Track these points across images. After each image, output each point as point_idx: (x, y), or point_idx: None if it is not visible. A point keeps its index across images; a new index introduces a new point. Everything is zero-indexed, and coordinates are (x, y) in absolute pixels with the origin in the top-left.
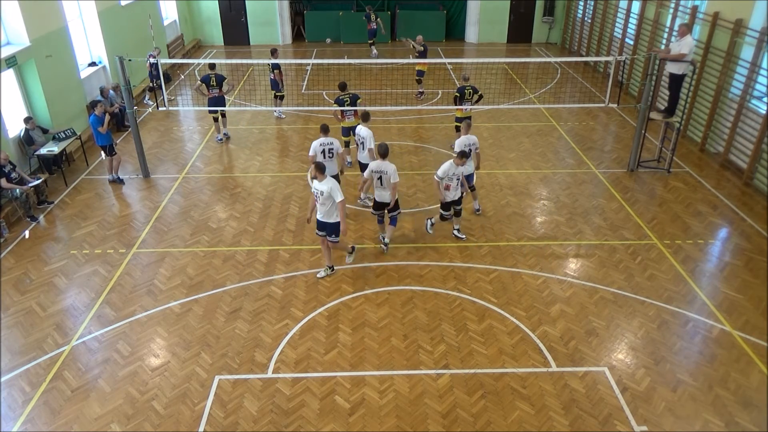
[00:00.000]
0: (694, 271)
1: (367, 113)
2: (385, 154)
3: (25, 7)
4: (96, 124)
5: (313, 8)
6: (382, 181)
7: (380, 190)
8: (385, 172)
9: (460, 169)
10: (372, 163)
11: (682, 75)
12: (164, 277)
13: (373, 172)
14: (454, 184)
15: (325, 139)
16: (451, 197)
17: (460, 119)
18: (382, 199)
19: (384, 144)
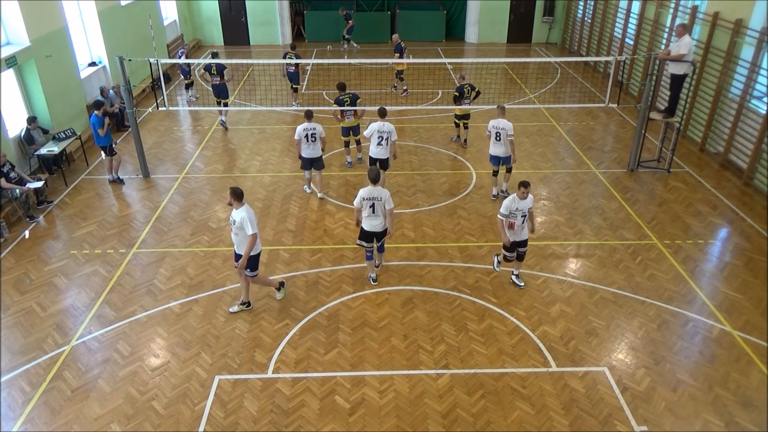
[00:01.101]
0: (694, 271)
1: (384, 109)
2: (377, 179)
3: (25, 7)
4: (96, 125)
5: (313, 8)
6: (375, 209)
7: (372, 219)
8: (378, 198)
9: (525, 203)
10: (362, 190)
11: (683, 75)
12: (164, 277)
13: (364, 199)
14: (519, 222)
15: (308, 124)
16: (516, 237)
17: (459, 117)
18: (373, 228)
19: (375, 168)
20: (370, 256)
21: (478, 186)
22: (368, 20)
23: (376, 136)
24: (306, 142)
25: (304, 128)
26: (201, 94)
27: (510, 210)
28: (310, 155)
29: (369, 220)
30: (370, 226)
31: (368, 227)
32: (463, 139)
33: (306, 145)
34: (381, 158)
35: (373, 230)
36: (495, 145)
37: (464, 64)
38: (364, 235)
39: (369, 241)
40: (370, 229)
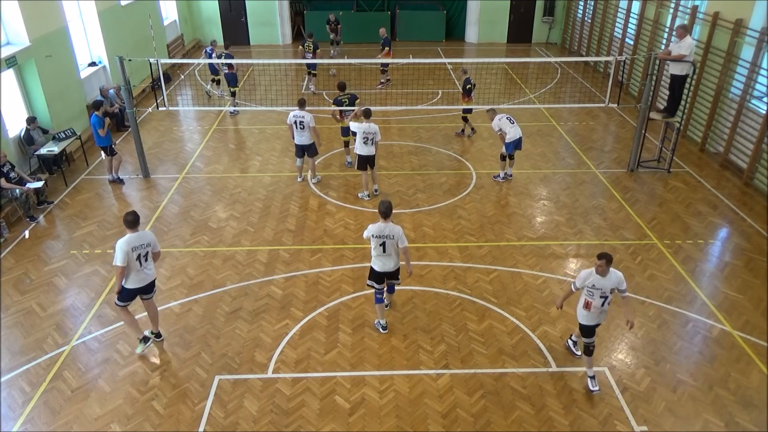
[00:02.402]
0: (694, 271)
1: (368, 109)
2: (388, 214)
3: (25, 7)
4: (97, 125)
5: (313, 8)
6: (386, 248)
7: (383, 259)
8: (390, 236)
9: (606, 282)
10: (372, 226)
11: (683, 75)
12: (164, 277)
13: (374, 237)
14: (597, 302)
15: (298, 112)
16: (592, 320)
17: (468, 111)
18: (384, 268)
19: (387, 201)
20: (380, 298)
21: (478, 186)
22: (368, 20)
23: (361, 137)
24: (296, 129)
25: (294, 115)
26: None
27: (585, 284)
28: (301, 142)
29: (380, 259)
30: (381, 266)
31: (379, 267)
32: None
33: (296, 132)
34: (369, 155)
35: (385, 270)
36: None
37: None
38: (375, 276)
39: (380, 282)
40: (381, 270)
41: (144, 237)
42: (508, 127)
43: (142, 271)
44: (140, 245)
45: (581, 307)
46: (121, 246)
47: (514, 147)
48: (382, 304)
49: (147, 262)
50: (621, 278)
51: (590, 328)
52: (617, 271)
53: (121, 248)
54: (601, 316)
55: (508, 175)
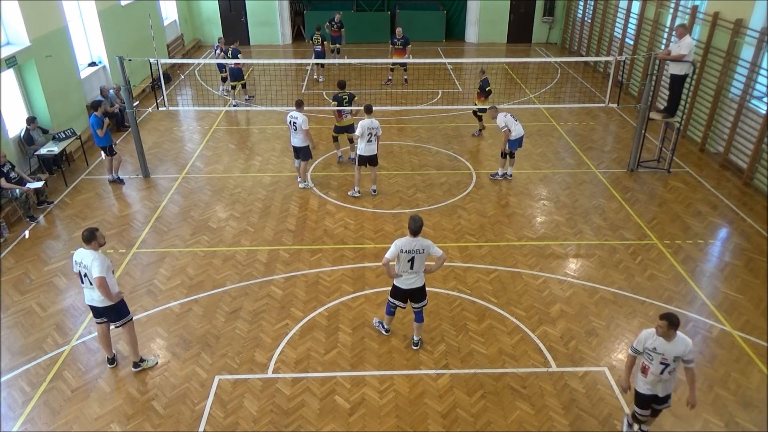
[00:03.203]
0: (694, 271)
1: (370, 105)
2: (418, 232)
3: (25, 7)
4: (96, 125)
5: (313, 8)
6: (414, 264)
7: (410, 276)
8: (420, 250)
9: (670, 347)
10: (399, 242)
11: (683, 75)
12: (164, 277)
13: (402, 252)
14: (655, 368)
15: (294, 113)
16: (648, 388)
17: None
18: (411, 285)
19: (418, 218)
20: (392, 311)
21: (478, 186)
22: (368, 20)
23: (366, 134)
24: (290, 130)
25: (290, 116)
26: (203, 93)
27: (644, 346)
28: (294, 144)
29: (407, 276)
30: (408, 283)
31: (405, 285)
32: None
33: (291, 133)
34: (372, 155)
35: (411, 287)
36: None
37: (464, 64)
38: (399, 295)
39: (404, 300)
40: (407, 287)
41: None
42: (512, 125)
43: (83, 289)
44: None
45: (638, 371)
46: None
47: (518, 144)
48: (392, 316)
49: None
50: (689, 346)
51: (645, 398)
52: (686, 338)
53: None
54: (660, 387)
55: (508, 175)
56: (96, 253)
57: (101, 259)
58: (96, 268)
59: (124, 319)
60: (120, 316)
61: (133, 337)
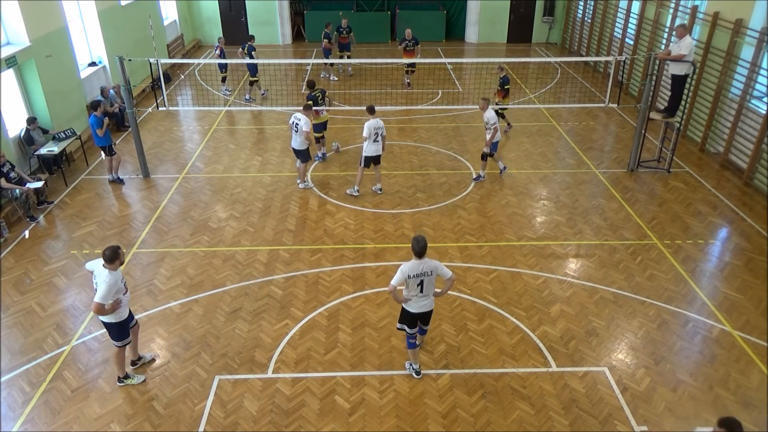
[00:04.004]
0: (694, 271)
1: (372, 106)
2: (423, 253)
3: (25, 7)
4: (95, 125)
5: (313, 8)
6: (424, 287)
7: (420, 299)
8: (428, 273)
9: None
10: (405, 267)
11: (683, 75)
12: (164, 277)
13: (410, 278)
14: None
15: (298, 114)
16: None
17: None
18: (422, 309)
19: (421, 238)
20: (413, 343)
21: (478, 186)
22: (368, 20)
23: (373, 134)
24: (292, 131)
25: (294, 117)
26: (203, 93)
27: None
28: (293, 145)
29: (417, 300)
30: (419, 307)
31: (416, 309)
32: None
33: (292, 135)
34: (378, 154)
35: (421, 311)
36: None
37: (464, 64)
38: (409, 319)
39: (414, 325)
40: (418, 311)
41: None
42: (498, 125)
43: None
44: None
45: None
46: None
47: (496, 148)
48: (416, 349)
49: None
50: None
51: None
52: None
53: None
54: None
55: (481, 177)
56: (111, 275)
57: (109, 286)
58: (100, 293)
59: (116, 343)
60: (114, 338)
61: (119, 360)
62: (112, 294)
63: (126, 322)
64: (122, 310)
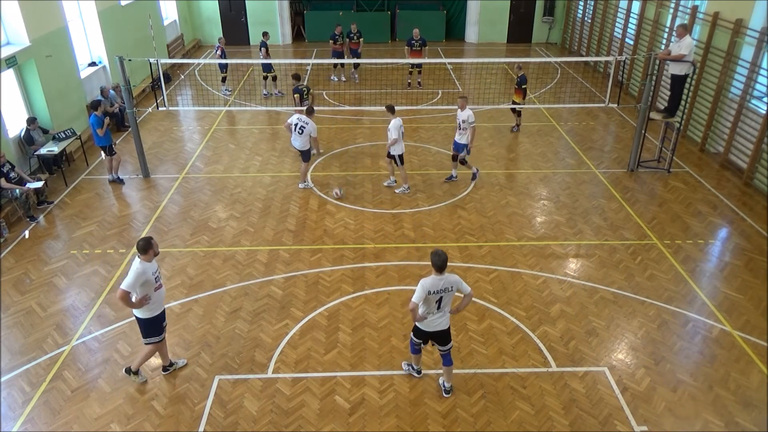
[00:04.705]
0: (694, 271)
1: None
2: (444, 267)
3: (25, 7)
4: (96, 125)
5: (313, 8)
6: (441, 304)
7: (437, 317)
8: (448, 289)
9: None
10: (425, 282)
11: (683, 75)
12: (164, 277)
13: (430, 294)
14: None
15: (304, 117)
16: None
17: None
18: (437, 327)
19: (441, 252)
20: (418, 350)
21: (478, 186)
22: (368, 20)
23: (401, 132)
24: (293, 132)
25: (298, 118)
26: (203, 93)
27: None
28: (295, 146)
29: (434, 317)
30: (434, 325)
31: (430, 327)
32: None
33: (293, 135)
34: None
35: (437, 329)
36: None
37: (464, 64)
38: (421, 335)
39: (426, 341)
40: (432, 329)
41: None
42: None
43: None
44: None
45: None
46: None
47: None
48: (419, 355)
49: None
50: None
51: None
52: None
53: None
54: None
55: (453, 177)
56: (141, 264)
57: (137, 274)
58: (126, 280)
59: (143, 339)
60: (144, 334)
61: (144, 355)
62: (140, 284)
63: (157, 319)
64: (152, 305)
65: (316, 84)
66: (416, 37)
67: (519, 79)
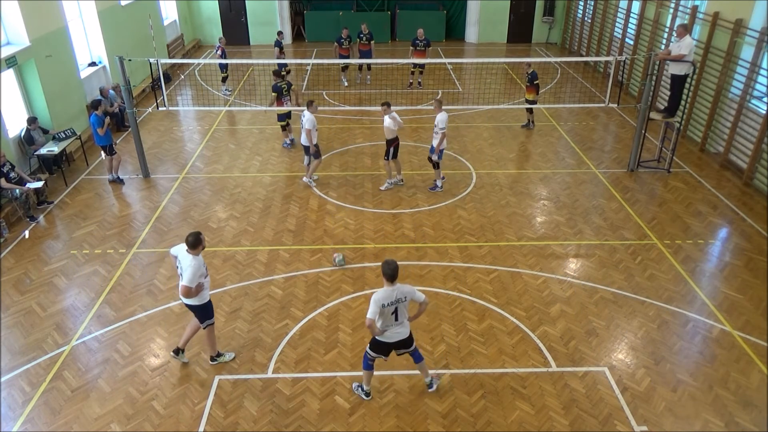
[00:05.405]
0: (694, 271)
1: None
2: (395, 276)
3: (25, 7)
4: (96, 124)
5: (313, 8)
6: (398, 315)
7: (396, 327)
8: (401, 299)
9: None
10: (377, 296)
11: (683, 75)
12: (164, 277)
13: (385, 306)
14: None
15: (306, 112)
16: None
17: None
18: (399, 336)
19: (392, 262)
20: (371, 364)
21: (478, 186)
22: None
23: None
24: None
25: (303, 113)
26: (203, 93)
27: None
28: (301, 141)
29: (393, 328)
30: (394, 335)
31: (390, 338)
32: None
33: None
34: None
35: (399, 339)
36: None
37: (464, 64)
38: (383, 349)
39: (387, 353)
40: (393, 340)
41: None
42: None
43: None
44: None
45: None
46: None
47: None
48: (371, 371)
49: None
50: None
51: None
52: None
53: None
54: None
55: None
56: (195, 259)
57: (195, 268)
58: (187, 276)
59: (207, 321)
60: (202, 318)
61: (211, 339)
62: (198, 277)
63: (209, 304)
64: (205, 292)
65: (316, 84)
66: (420, 38)
67: (530, 75)
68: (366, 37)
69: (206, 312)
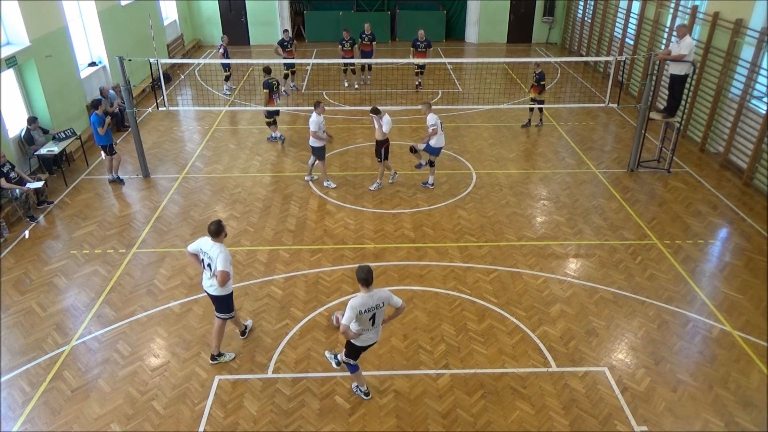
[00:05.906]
0: (694, 271)
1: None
2: (370, 281)
3: (25, 7)
4: (97, 124)
5: (313, 8)
6: (376, 320)
7: (371, 333)
8: (379, 305)
9: None
10: (354, 303)
11: (683, 75)
12: (164, 277)
13: (362, 313)
14: None
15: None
16: None
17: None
18: (370, 341)
19: (366, 267)
20: (356, 365)
21: (478, 186)
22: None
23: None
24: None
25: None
26: (203, 93)
27: None
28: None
29: (368, 333)
30: (367, 339)
31: (365, 343)
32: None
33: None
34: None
35: (370, 344)
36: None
37: (464, 64)
38: (356, 353)
39: (358, 357)
40: (367, 344)
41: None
42: (440, 128)
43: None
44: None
45: None
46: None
47: (437, 153)
48: (360, 372)
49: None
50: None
51: None
52: None
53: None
54: None
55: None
56: (222, 246)
57: (226, 254)
58: (221, 262)
59: (227, 314)
60: (224, 310)
61: (220, 334)
62: (230, 262)
63: (232, 294)
64: (229, 282)
65: (316, 84)
66: (421, 39)
67: (538, 75)
68: (368, 37)
69: (229, 303)
